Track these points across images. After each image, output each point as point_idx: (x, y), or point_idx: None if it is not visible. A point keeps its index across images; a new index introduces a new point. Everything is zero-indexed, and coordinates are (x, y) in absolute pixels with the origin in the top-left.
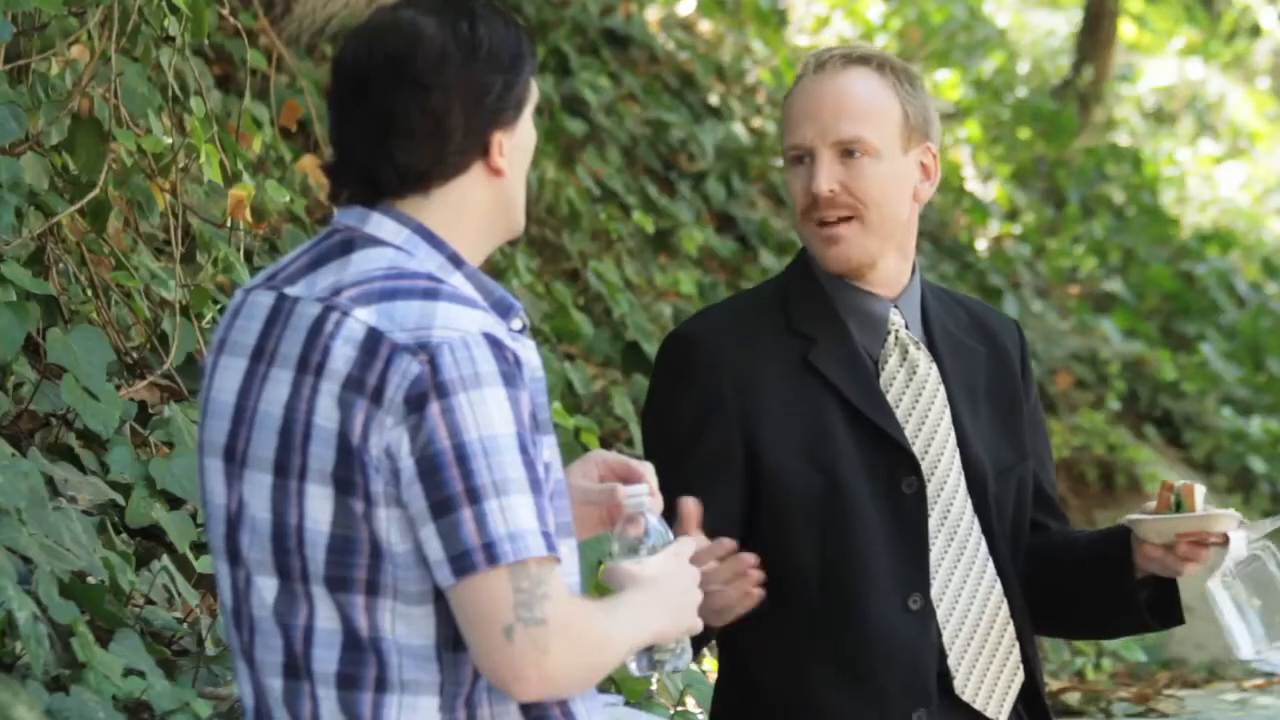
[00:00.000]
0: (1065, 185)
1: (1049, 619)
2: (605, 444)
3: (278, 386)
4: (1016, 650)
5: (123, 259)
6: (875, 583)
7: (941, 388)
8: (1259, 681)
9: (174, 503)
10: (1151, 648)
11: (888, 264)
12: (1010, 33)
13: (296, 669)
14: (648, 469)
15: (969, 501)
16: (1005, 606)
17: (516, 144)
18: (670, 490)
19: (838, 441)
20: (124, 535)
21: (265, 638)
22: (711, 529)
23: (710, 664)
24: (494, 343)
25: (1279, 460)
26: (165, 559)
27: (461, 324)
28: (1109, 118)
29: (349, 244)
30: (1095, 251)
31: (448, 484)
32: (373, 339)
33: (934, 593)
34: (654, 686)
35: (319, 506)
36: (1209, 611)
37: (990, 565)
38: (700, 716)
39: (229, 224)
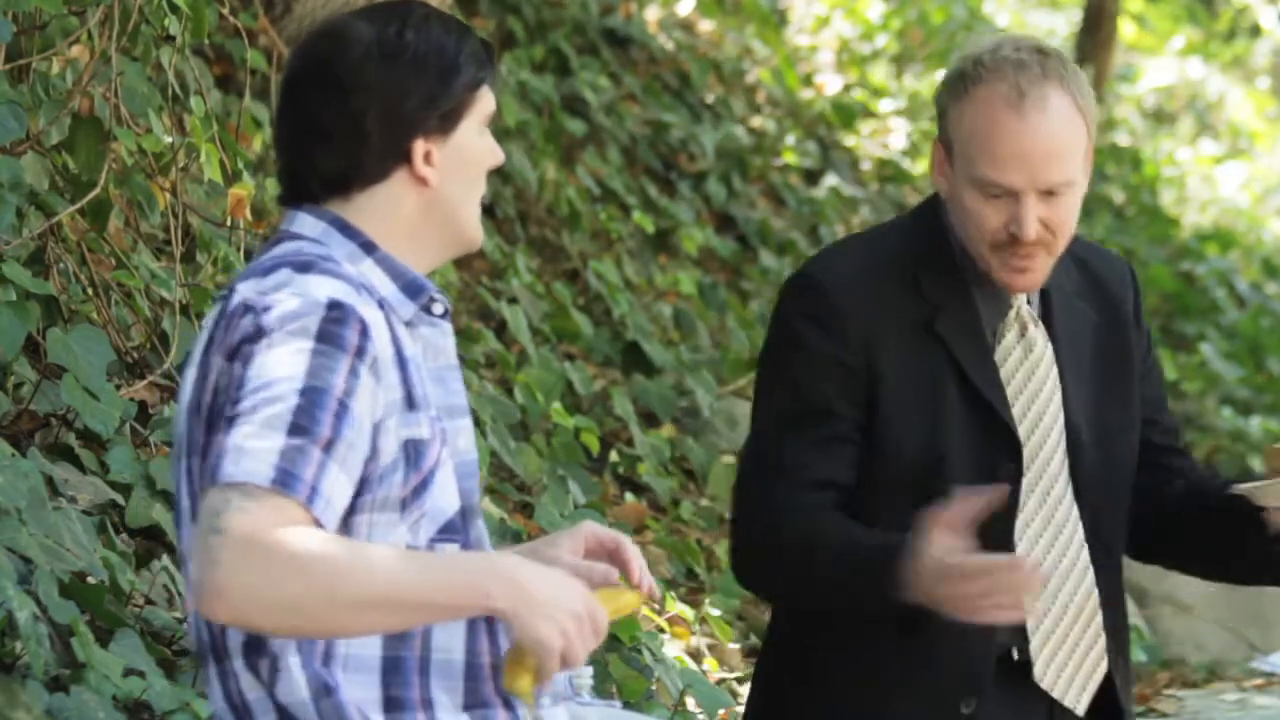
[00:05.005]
0: None
1: (1169, 557)
2: (605, 444)
3: (189, 372)
4: (1102, 640)
5: (123, 258)
6: None
7: (1054, 368)
8: (1259, 681)
9: (174, 502)
10: (1151, 648)
11: None
12: (1010, 32)
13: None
14: (631, 550)
15: (1070, 486)
16: (1095, 595)
17: (452, 155)
18: (788, 441)
19: (951, 413)
20: (124, 535)
21: (196, 618)
22: (832, 486)
23: (711, 664)
24: (334, 306)
25: None
26: (165, 559)
27: (312, 291)
28: (1109, 118)
29: (276, 243)
30: None
31: (226, 409)
32: (237, 305)
33: None
34: (654, 687)
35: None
36: (1208, 611)
37: (1085, 552)
38: (700, 717)
39: (229, 223)
